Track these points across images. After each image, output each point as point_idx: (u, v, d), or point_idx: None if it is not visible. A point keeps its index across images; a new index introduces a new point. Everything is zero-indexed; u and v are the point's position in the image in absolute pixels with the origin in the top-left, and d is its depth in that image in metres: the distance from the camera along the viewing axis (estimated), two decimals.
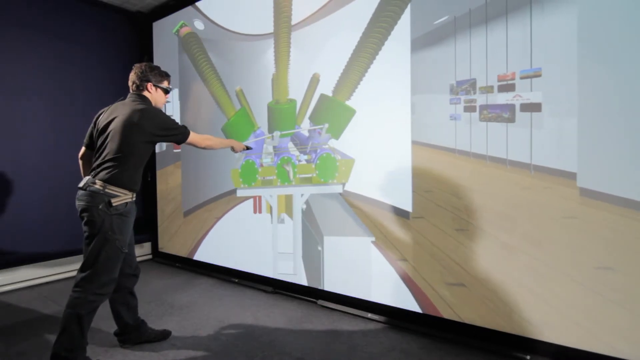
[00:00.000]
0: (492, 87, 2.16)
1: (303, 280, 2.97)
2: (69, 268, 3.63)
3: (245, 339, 2.33)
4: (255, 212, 3.27)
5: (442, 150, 2.34)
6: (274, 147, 3.03)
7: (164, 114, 2.12)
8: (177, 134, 2.10)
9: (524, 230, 2.05)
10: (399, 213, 2.50)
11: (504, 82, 2.12)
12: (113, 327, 2.27)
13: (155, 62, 4.17)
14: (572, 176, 1.92)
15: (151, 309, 2.80)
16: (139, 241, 4.27)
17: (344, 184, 2.70)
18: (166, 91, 2.24)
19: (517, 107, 2.08)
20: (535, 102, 2.03)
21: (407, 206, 2.46)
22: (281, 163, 2.96)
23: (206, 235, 3.71)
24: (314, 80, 2.83)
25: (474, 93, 2.21)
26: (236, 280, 3.42)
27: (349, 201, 2.69)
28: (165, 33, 4.03)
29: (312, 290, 2.90)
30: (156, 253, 4.31)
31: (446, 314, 2.27)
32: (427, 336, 2.30)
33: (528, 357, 1.98)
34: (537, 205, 2.01)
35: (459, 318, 2.22)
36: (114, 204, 1.91)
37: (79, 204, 1.94)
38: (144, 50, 4.30)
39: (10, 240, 3.36)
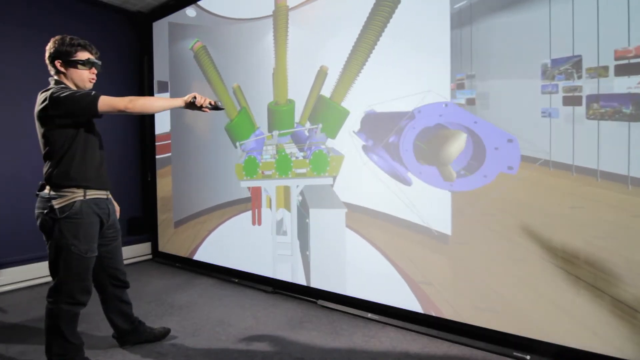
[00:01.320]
0: (606, 68, 1.52)
1: (298, 259, 2.99)
2: None
3: (245, 339, 2.33)
4: (254, 223, 3.29)
5: (523, 161, 1.75)
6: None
7: (63, 89, 1.72)
8: (80, 101, 1.66)
9: (625, 273, 1.52)
10: (432, 235, 2.19)
11: (625, 61, 1.48)
12: (111, 329, 2.27)
13: (155, 63, 4.17)
14: None
15: (151, 309, 2.80)
16: (138, 241, 4.27)
17: (334, 177, 2.75)
18: (87, 64, 1.82)
19: None
20: None
21: (446, 229, 2.09)
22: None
23: (203, 241, 3.71)
24: (321, 75, 2.81)
25: (579, 77, 1.58)
26: (236, 280, 3.42)
27: (365, 219, 2.54)
28: (165, 33, 4.03)
29: (312, 290, 2.90)
30: (156, 253, 4.31)
31: (447, 314, 2.26)
32: (427, 336, 2.30)
33: (528, 357, 1.98)
34: None
35: (460, 318, 2.22)
36: (56, 207, 1.72)
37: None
38: (144, 50, 4.30)
39: (11, 240, 3.36)
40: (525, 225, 1.85)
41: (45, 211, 1.76)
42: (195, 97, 1.80)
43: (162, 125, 4.12)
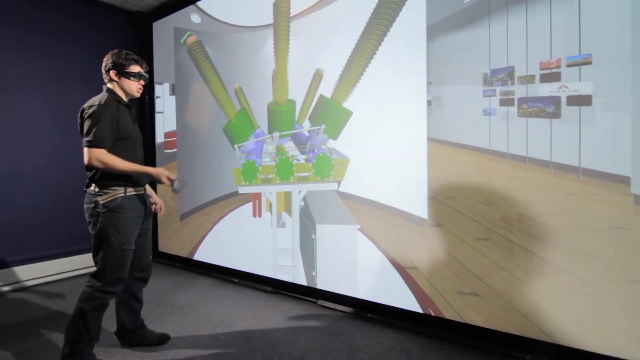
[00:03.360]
0: (533, 76, 1.88)
1: (300, 272, 2.98)
2: (69, 268, 3.62)
3: (245, 339, 2.33)
4: (255, 215, 3.28)
5: (471, 150, 2.08)
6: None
7: (98, 114, 1.86)
8: (86, 140, 1.85)
9: (563, 242, 1.82)
10: (413, 220, 2.33)
11: (548, 71, 1.83)
12: (113, 327, 2.27)
13: (155, 63, 4.18)
14: (625, 181, 1.67)
15: (151, 309, 2.80)
16: None
17: (339, 182, 2.72)
18: (137, 77, 2.03)
19: (564, 100, 1.79)
20: (584, 95, 1.74)
21: (423, 213, 2.28)
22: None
23: (205, 236, 3.71)
24: (317, 77, 2.81)
25: (512, 84, 1.93)
26: (236, 280, 3.42)
27: (352, 205, 2.61)
28: (165, 33, 4.03)
29: (312, 290, 2.90)
30: (156, 253, 4.31)
31: (447, 314, 2.27)
32: (427, 336, 2.30)
33: (528, 357, 1.98)
34: (583, 215, 1.77)
35: (460, 318, 2.22)
36: (101, 202, 1.90)
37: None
38: (144, 50, 4.30)
39: (11, 240, 3.36)
40: (477, 205, 2.11)
41: (92, 205, 1.92)
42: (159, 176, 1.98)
43: (168, 123, 4.15)
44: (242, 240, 3.40)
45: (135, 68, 2.04)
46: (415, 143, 2.33)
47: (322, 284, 2.84)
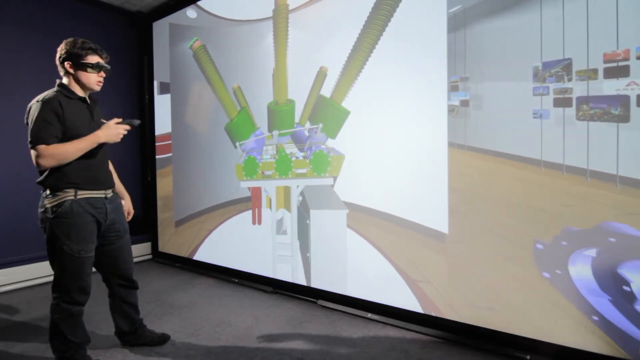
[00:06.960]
0: (595, 70, 1.57)
1: (299, 266, 2.99)
2: None
3: (245, 339, 2.33)
4: (254, 222, 3.29)
5: (515, 160, 1.79)
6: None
7: (35, 112, 1.69)
8: (30, 137, 1.68)
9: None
10: (430, 234, 2.19)
11: (613, 64, 1.53)
12: (112, 326, 2.26)
13: (155, 63, 4.17)
14: None
15: (151, 309, 2.80)
16: (138, 241, 4.26)
17: (335, 177, 2.74)
18: (96, 68, 1.82)
19: (633, 100, 1.49)
20: None
21: (442, 227, 2.09)
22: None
23: (206, 237, 3.71)
24: (321, 75, 2.80)
25: (569, 80, 1.63)
26: (236, 280, 3.42)
27: (359, 217, 2.56)
28: (166, 34, 4.03)
29: (312, 290, 2.90)
30: (156, 253, 4.31)
31: (447, 314, 2.26)
32: (427, 336, 2.30)
33: (528, 357, 1.98)
34: None
35: (460, 318, 2.22)
36: (48, 206, 1.75)
37: None
38: (144, 50, 4.30)
39: (11, 240, 3.36)
40: (519, 223, 1.88)
41: (42, 210, 1.81)
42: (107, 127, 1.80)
43: (162, 125, 4.12)
44: (243, 237, 3.40)
45: (93, 58, 1.83)
46: (433, 149, 2.15)
47: (314, 263, 2.85)
